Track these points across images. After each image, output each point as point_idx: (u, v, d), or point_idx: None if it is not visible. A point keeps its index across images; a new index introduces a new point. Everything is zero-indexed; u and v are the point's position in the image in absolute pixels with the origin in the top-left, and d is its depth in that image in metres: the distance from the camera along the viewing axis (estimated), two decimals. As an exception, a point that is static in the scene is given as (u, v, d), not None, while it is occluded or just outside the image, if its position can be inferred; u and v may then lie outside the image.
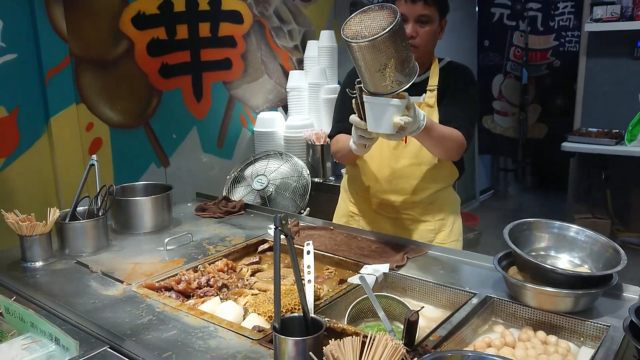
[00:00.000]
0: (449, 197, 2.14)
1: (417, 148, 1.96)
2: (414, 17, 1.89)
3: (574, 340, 1.37)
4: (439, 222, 2.09)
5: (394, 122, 1.51)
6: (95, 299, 1.54)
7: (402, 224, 2.09)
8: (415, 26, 1.90)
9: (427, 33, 1.92)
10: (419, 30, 1.91)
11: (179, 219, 2.26)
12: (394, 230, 2.08)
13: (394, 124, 1.52)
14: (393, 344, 0.97)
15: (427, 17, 1.90)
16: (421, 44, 1.92)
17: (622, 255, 1.43)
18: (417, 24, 1.90)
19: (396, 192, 2.05)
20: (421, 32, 1.91)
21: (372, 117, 1.55)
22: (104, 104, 2.68)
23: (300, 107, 3.52)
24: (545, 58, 5.94)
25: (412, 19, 1.90)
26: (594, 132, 4.55)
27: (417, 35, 1.90)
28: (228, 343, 1.28)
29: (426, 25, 1.91)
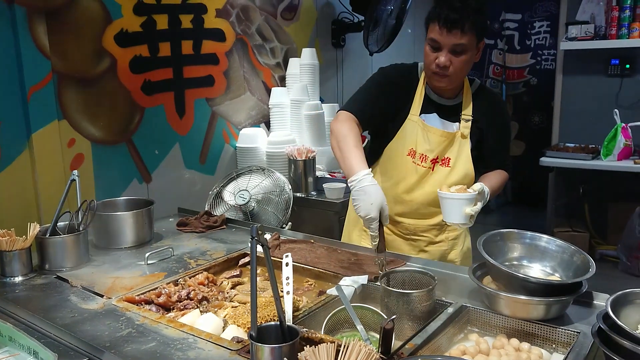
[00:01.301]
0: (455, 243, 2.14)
1: (443, 177, 1.96)
2: (449, 46, 1.79)
3: (546, 347, 1.40)
4: (452, 241, 2.11)
5: (466, 213, 1.69)
6: (75, 312, 1.54)
7: (418, 246, 2.10)
8: (449, 55, 1.80)
9: (461, 62, 1.82)
10: (453, 60, 1.81)
11: (161, 234, 2.27)
12: (410, 251, 2.08)
13: (466, 214, 1.69)
14: (366, 350, 0.99)
15: (462, 46, 1.79)
16: (454, 72, 1.84)
17: (591, 263, 1.47)
18: (452, 53, 1.80)
19: (415, 216, 2.05)
20: (455, 61, 1.81)
21: (446, 210, 1.73)
22: (86, 121, 2.69)
23: (282, 123, 3.56)
24: (522, 76, 6.09)
25: (447, 48, 1.80)
26: (571, 147, 4.66)
27: (451, 65, 1.81)
28: (207, 354, 1.30)
29: (462, 54, 1.81)
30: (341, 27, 4.31)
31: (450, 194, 1.69)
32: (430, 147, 1.95)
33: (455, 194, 1.69)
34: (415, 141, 1.96)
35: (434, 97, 1.98)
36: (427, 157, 1.96)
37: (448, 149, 1.97)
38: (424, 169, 1.97)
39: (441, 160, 1.98)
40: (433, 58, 1.84)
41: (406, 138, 1.97)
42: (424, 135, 1.95)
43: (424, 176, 1.98)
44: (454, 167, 1.97)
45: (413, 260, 1.89)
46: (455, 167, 1.97)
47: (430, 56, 1.85)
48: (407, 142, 1.97)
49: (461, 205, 1.68)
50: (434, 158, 1.97)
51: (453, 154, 1.97)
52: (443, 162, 1.98)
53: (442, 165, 1.98)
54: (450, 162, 1.98)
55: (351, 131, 1.82)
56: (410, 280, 1.56)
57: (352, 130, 1.83)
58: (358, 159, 1.74)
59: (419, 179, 1.99)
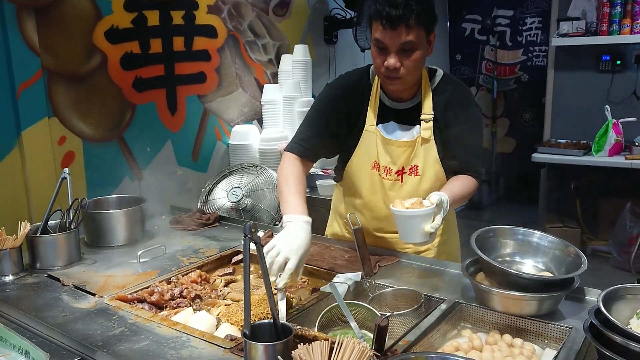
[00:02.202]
0: (448, 223, 1.97)
1: (414, 186, 1.83)
2: (396, 46, 1.61)
3: (539, 343, 1.41)
4: (439, 247, 1.98)
5: (424, 231, 1.52)
6: (67, 311, 1.53)
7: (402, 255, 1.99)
8: (397, 56, 1.62)
9: (413, 62, 1.64)
10: (404, 60, 1.63)
11: (153, 231, 2.25)
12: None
13: (425, 232, 1.52)
14: (360, 347, 0.99)
15: (411, 44, 1.61)
16: (406, 73, 1.66)
17: (583, 259, 1.48)
18: (401, 53, 1.62)
19: (394, 231, 1.84)
20: (406, 62, 1.63)
21: (401, 229, 1.55)
22: (76, 118, 2.67)
23: (274, 120, 3.55)
24: (513, 72, 6.11)
25: (394, 49, 1.61)
26: (563, 144, 4.68)
27: (402, 66, 1.64)
28: (200, 352, 1.29)
29: (412, 53, 1.63)
30: (333, 24, 4.30)
31: (404, 210, 1.51)
32: (391, 160, 1.82)
33: (409, 211, 1.50)
34: (377, 153, 1.83)
35: (389, 102, 1.81)
36: (391, 169, 1.84)
37: (413, 157, 1.81)
38: (391, 181, 1.85)
39: (408, 170, 1.83)
40: (381, 61, 1.65)
41: (367, 151, 1.84)
42: (384, 148, 1.81)
43: (394, 189, 1.86)
44: (423, 174, 1.82)
45: (406, 257, 1.89)
46: (424, 175, 1.83)
47: (377, 59, 1.67)
48: (369, 155, 1.84)
49: (417, 222, 1.50)
50: (399, 170, 1.83)
51: (420, 161, 1.81)
52: (411, 171, 1.83)
53: (411, 175, 1.83)
54: (419, 169, 1.82)
55: (289, 177, 1.74)
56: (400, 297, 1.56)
57: (291, 174, 1.75)
58: (292, 205, 1.64)
59: (389, 192, 1.86)
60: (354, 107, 1.83)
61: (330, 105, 1.84)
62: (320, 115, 1.85)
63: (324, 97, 1.87)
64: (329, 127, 1.84)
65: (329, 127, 1.84)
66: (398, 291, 1.57)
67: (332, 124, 1.84)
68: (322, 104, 1.86)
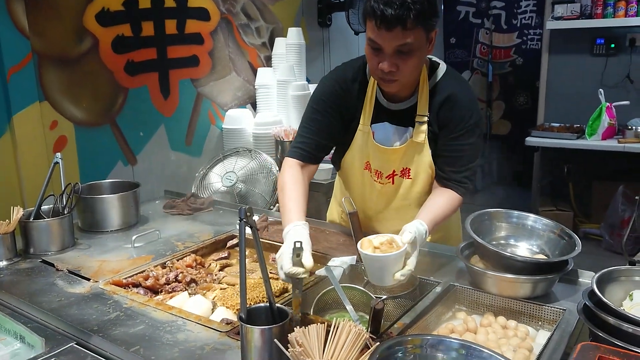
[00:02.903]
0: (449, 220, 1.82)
1: (406, 189, 1.77)
2: (392, 48, 1.47)
3: (533, 325, 1.42)
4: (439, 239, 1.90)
5: (394, 278, 1.36)
6: (62, 296, 1.52)
7: None
8: (393, 59, 1.48)
9: (411, 64, 1.51)
10: (400, 63, 1.49)
11: (147, 216, 2.24)
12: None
13: (395, 279, 1.36)
14: (356, 330, 0.99)
15: (409, 46, 1.46)
16: (403, 78, 1.55)
17: (577, 241, 1.49)
18: (397, 55, 1.48)
19: (385, 228, 1.82)
20: (403, 65, 1.50)
21: (371, 272, 1.40)
22: (68, 102, 2.64)
23: (268, 104, 3.53)
24: (508, 56, 6.09)
25: (390, 51, 1.47)
26: (557, 127, 4.69)
27: (398, 70, 1.51)
28: (196, 336, 1.29)
29: (409, 55, 1.49)
30: (327, 6, 4.26)
31: (370, 254, 1.34)
32: (381, 164, 1.75)
33: (377, 255, 1.34)
34: (369, 154, 1.76)
35: (384, 102, 1.71)
36: (382, 173, 1.77)
37: (405, 160, 1.73)
38: (382, 184, 1.78)
39: (400, 172, 1.76)
40: (375, 63, 1.52)
41: (359, 151, 1.77)
42: (375, 151, 1.74)
43: (385, 192, 1.79)
44: (415, 178, 1.75)
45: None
46: (417, 178, 1.75)
47: (372, 60, 1.54)
48: (361, 156, 1.78)
49: (386, 266, 1.34)
50: (390, 173, 1.76)
51: (412, 164, 1.73)
52: (403, 174, 1.76)
53: (403, 177, 1.76)
54: (411, 173, 1.74)
55: (288, 183, 1.66)
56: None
57: (288, 182, 1.66)
58: (291, 213, 1.55)
59: (380, 195, 1.81)
60: (350, 105, 1.74)
61: (329, 102, 1.73)
62: (319, 115, 1.74)
63: (320, 94, 1.75)
64: (328, 127, 1.75)
65: (328, 127, 1.75)
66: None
67: (331, 124, 1.75)
68: (320, 102, 1.74)
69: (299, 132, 1.80)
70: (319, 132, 1.74)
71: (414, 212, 1.62)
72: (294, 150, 1.75)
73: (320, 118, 1.74)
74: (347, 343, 0.98)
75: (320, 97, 1.75)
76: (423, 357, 0.96)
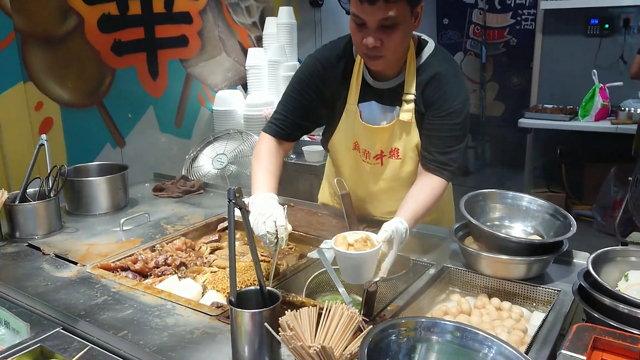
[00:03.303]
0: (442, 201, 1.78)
1: (395, 170, 1.73)
2: (375, 22, 1.43)
3: (527, 306, 1.41)
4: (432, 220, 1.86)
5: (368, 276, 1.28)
6: (48, 281, 1.49)
7: None
8: (378, 33, 1.44)
9: (395, 39, 1.47)
10: (385, 38, 1.45)
11: (136, 199, 2.20)
12: None
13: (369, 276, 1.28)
14: (349, 313, 0.97)
15: (392, 19, 1.42)
16: (388, 54, 1.50)
17: (572, 222, 1.47)
18: (381, 30, 1.44)
19: (376, 209, 1.85)
20: (388, 40, 1.46)
21: (343, 269, 1.31)
22: (53, 82, 2.57)
23: (259, 85, 3.48)
24: (502, 36, 6.03)
25: (373, 25, 1.44)
26: (550, 109, 4.67)
27: (382, 45, 1.47)
28: (186, 320, 1.27)
29: (394, 30, 1.45)
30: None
31: (342, 251, 1.27)
32: (369, 144, 1.72)
33: (347, 253, 1.26)
34: (357, 134, 1.73)
35: (371, 81, 1.67)
36: (370, 153, 1.74)
37: (393, 140, 1.69)
38: (371, 165, 1.75)
39: (389, 153, 1.72)
40: (360, 38, 1.48)
41: (348, 131, 1.74)
42: (363, 130, 1.71)
43: (375, 173, 1.76)
44: (404, 158, 1.71)
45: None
46: (406, 158, 1.71)
47: (356, 35, 1.50)
48: (349, 136, 1.75)
49: (358, 264, 1.27)
50: (378, 154, 1.73)
51: (401, 144, 1.69)
52: (391, 154, 1.72)
53: (392, 158, 1.72)
54: (399, 153, 1.70)
55: (263, 153, 1.67)
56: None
57: (266, 152, 1.67)
58: (259, 183, 1.57)
59: (370, 176, 1.77)
60: (335, 84, 1.69)
61: (309, 82, 1.69)
62: (297, 94, 1.70)
63: (303, 72, 1.72)
64: (306, 107, 1.71)
65: (306, 107, 1.71)
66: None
67: (309, 104, 1.71)
68: (301, 81, 1.71)
69: (277, 108, 1.77)
70: (295, 110, 1.72)
71: (405, 192, 1.59)
72: (270, 126, 1.74)
73: (298, 97, 1.71)
74: (340, 326, 0.96)
75: (301, 75, 1.72)
76: (417, 339, 0.94)
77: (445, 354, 0.93)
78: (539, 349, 1.13)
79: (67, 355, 1.12)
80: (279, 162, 1.69)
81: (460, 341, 0.93)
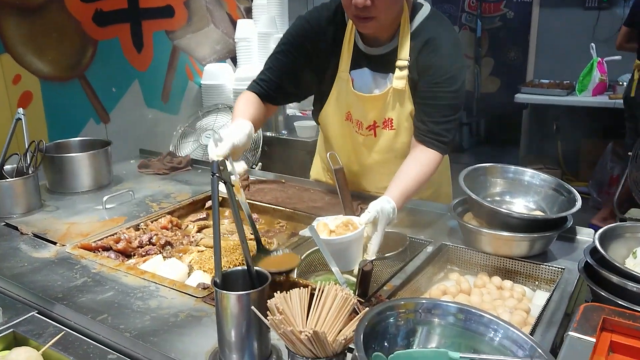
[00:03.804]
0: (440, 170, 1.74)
1: (389, 141, 1.66)
2: None
3: (529, 285, 1.35)
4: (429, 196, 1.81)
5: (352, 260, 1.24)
6: (25, 262, 1.41)
7: None
8: None
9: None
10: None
11: (121, 176, 2.12)
12: None
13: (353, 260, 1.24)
14: (343, 294, 0.90)
15: None
16: (379, 14, 1.41)
17: (577, 197, 1.41)
18: None
19: (371, 184, 1.78)
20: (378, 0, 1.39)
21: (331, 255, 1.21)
22: (32, 54, 2.45)
23: (249, 58, 3.38)
24: (498, 10, 5.91)
25: None
26: (546, 84, 4.59)
27: (373, 4, 1.38)
28: (170, 302, 1.19)
29: None
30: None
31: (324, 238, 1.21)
32: (362, 113, 1.65)
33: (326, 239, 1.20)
34: (349, 104, 1.65)
35: (363, 47, 1.59)
36: (362, 124, 1.66)
37: (387, 109, 1.61)
38: (364, 136, 1.68)
39: (382, 124, 1.64)
40: None
41: (339, 101, 1.66)
42: (355, 99, 1.63)
43: (368, 145, 1.69)
44: (398, 128, 1.64)
45: (389, 198, 1.78)
46: (400, 129, 1.64)
47: None
48: (341, 106, 1.67)
49: (343, 250, 1.21)
50: (371, 124, 1.66)
51: (394, 114, 1.62)
52: (385, 125, 1.64)
53: (385, 129, 1.65)
54: (393, 123, 1.63)
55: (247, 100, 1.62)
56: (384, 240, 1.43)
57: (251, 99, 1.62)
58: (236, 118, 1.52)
59: (364, 148, 1.69)
60: (325, 49, 1.62)
61: (296, 43, 1.62)
62: (283, 55, 1.62)
63: (290, 33, 1.65)
64: (293, 70, 1.64)
65: (292, 69, 1.64)
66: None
67: (297, 66, 1.63)
68: (287, 42, 1.63)
69: (263, 68, 1.69)
70: (280, 73, 1.64)
71: (398, 163, 1.53)
72: (254, 85, 1.67)
73: (283, 58, 1.64)
74: (334, 308, 0.89)
75: (288, 36, 1.65)
76: (417, 322, 0.87)
77: (448, 337, 0.86)
78: (544, 331, 1.07)
79: (41, 341, 1.04)
80: (261, 114, 1.62)
81: (463, 324, 0.86)
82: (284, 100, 1.75)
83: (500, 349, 0.83)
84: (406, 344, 0.87)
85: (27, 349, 0.92)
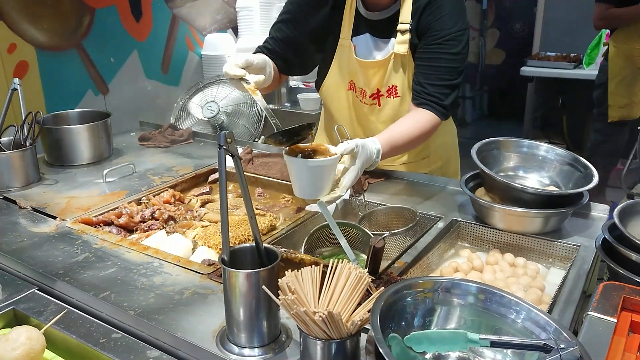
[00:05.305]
0: (444, 141, 1.78)
1: (395, 109, 1.62)
2: None
3: (543, 262, 1.32)
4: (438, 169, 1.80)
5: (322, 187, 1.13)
6: (24, 237, 1.37)
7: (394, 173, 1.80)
8: None
9: None
10: None
11: (121, 149, 2.07)
12: None
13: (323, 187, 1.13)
14: (357, 273, 0.86)
15: None
16: None
17: (594, 173, 1.36)
18: None
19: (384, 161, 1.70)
20: None
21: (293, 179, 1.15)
22: (27, 22, 2.37)
23: (251, 28, 3.30)
24: (505, -21, 5.77)
25: None
26: (553, 56, 4.50)
27: None
28: (174, 279, 1.16)
29: None
30: None
31: (293, 159, 1.11)
32: (365, 81, 1.62)
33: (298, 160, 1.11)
34: (352, 72, 1.62)
35: (364, 12, 1.58)
36: (366, 92, 1.63)
37: (390, 76, 1.58)
38: (368, 105, 1.65)
39: (386, 92, 1.61)
40: None
41: (342, 69, 1.63)
42: (358, 66, 1.60)
43: (374, 114, 1.65)
44: (403, 96, 1.61)
45: (398, 173, 1.74)
46: (405, 96, 1.60)
47: None
48: (344, 74, 1.64)
49: (314, 175, 1.11)
50: (374, 93, 1.62)
51: (398, 80, 1.58)
52: (389, 93, 1.61)
53: (390, 97, 1.62)
54: (398, 90, 1.60)
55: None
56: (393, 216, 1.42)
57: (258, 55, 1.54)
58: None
59: (368, 117, 1.65)
60: (327, 15, 1.60)
61: (300, 13, 1.61)
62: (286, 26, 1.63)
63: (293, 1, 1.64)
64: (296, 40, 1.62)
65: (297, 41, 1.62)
66: (391, 209, 1.44)
67: (301, 36, 1.62)
68: (291, 12, 1.63)
69: (267, 37, 1.68)
70: (283, 44, 1.63)
71: None
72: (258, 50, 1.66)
73: (286, 29, 1.63)
74: (347, 288, 0.85)
75: (289, 5, 1.64)
76: (436, 301, 0.84)
77: (468, 317, 0.83)
78: (562, 310, 1.04)
79: (42, 319, 1.01)
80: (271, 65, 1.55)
81: (484, 304, 0.83)
82: (286, 71, 1.70)
83: (523, 331, 0.79)
84: (423, 324, 0.84)
85: (28, 328, 0.89)
